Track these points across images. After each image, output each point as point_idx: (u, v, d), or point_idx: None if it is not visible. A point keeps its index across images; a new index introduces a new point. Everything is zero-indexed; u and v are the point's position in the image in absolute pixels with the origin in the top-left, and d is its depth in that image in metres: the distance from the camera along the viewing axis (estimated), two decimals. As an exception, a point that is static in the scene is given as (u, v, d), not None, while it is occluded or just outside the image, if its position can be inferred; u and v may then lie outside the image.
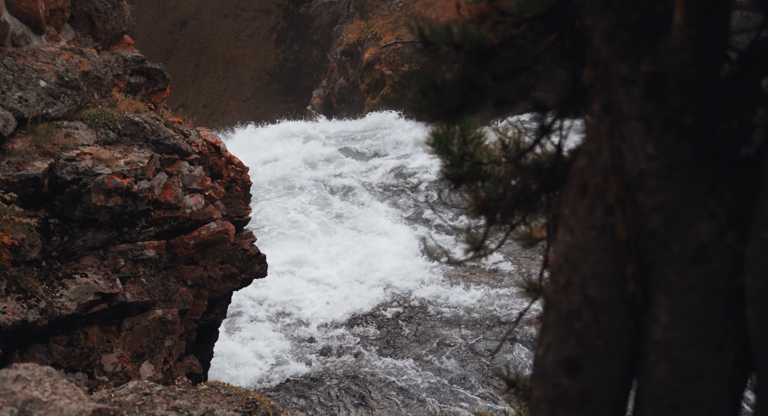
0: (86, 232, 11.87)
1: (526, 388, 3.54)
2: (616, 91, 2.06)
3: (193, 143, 13.84)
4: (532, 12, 2.65)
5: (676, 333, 2.07)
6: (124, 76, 13.93)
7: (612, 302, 2.15)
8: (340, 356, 17.12)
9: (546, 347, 2.24)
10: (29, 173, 11.06)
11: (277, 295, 19.45)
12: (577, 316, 2.17)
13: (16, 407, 4.53)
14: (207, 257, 13.84)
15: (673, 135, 1.98)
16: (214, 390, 6.81)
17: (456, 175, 3.61)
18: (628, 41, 2.01)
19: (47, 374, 4.95)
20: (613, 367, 2.19)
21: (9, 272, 10.98)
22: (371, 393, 15.70)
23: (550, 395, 2.22)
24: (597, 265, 2.14)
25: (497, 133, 3.64)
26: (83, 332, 11.97)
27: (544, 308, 2.30)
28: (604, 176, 2.10)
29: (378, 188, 26.38)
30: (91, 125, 12.29)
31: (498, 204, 2.94)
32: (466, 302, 19.03)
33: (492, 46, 2.65)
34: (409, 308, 18.97)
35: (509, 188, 2.92)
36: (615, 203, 2.08)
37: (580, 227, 2.16)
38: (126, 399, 6.39)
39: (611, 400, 2.21)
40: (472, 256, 3.06)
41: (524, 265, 20.70)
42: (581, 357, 2.17)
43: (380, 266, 20.68)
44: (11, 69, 11.68)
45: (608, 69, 2.07)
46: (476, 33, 2.66)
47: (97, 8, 13.67)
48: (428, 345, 17.39)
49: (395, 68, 33.28)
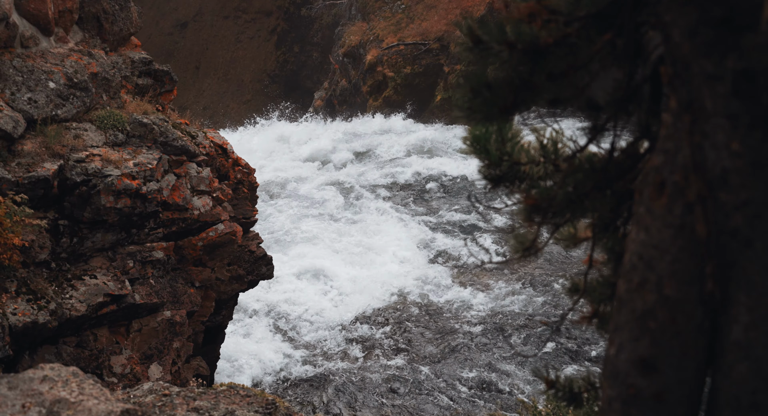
0: (95, 233, 11.85)
1: (565, 389, 3.53)
2: (698, 88, 2.04)
3: (200, 145, 13.82)
4: (585, 10, 2.64)
5: (757, 332, 2.05)
6: (132, 77, 13.91)
7: (688, 302, 2.13)
8: (345, 358, 17.10)
9: (618, 346, 2.23)
10: (39, 174, 11.04)
11: (282, 297, 19.42)
12: (651, 315, 2.16)
13: (44, 407, 4.51)
14: (215, 258, 13.82)
15: (761, 132, 1.97)
16: (233, 391, 6.78)
17: (494, 175, 3.60)
18: (711, 37, 2.00)
19: (73, 374, 4.92)
20: (689, 367, 2.17)
21: (19, 274, 10.95)
22: (377, 394, 15.68)
23: (623, 395, 2.20)
24: (674, 263, 2.13)
25: (535, 133, 3.63)
26: (92, 333, 11.95)
27: (616, 308, 2.28)
28: (684, 173, 2.08)
29: (382, 189, 26.36)
30: (100, 126, 12.27)
31: (550, 204, 2.92)
32: (473, 304, 19.01)
33: (545, 45, 2.64)
34: (416, 310, 18.95)
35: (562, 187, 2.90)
36: (695, 200, 2.06)
37: (656, 225, 2.15)
38: (145, 400, 6.37)
39: (686, 400, 2.19)
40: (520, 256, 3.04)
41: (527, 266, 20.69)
42: (656, 356, 2.15)
43: (385, 267, 20.67)
44: (21, 70, 11.67)
45: (689, 66, 2.05)
46: (530, 32, 2.65)
47: (105, 10, 13.65)
48: (436, 347, 17.37)
49: (397, 70, 33.26)
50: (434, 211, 24.49)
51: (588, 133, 2.87)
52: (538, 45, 2.67)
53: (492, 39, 2.73)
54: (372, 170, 27.90)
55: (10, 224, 10.33)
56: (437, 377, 16.26)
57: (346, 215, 24.48)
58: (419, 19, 34.01)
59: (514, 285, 19.72)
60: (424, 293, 19.60)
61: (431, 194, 25.83)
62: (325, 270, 20.57)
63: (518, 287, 19.61)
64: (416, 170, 27.38)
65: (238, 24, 46.55)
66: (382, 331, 18.06)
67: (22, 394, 4.61)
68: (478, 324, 18.16)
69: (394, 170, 27.56)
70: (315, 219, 24.05)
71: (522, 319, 18.19)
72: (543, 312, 18.40)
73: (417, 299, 19.37)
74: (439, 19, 33.37)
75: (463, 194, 25.58)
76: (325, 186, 26.63)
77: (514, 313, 18.47)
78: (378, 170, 27.81)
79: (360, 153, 29.74)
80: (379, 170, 27.81)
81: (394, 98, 33.18)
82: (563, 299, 18.87)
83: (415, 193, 26.00)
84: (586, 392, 3.52)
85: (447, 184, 26.41)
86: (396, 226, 23.38)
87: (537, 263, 20.92)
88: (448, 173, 26.91)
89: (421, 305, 19.13)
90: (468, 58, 2.83)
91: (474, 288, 19.71)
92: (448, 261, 21.25)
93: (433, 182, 26.52)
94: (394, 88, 33.24)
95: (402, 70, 33.26)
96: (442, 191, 25.92)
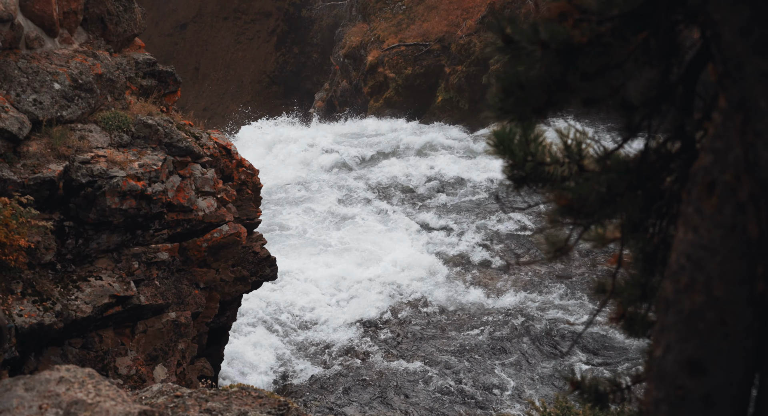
0: (100, 235, 11.83)
1: (591, 389, 3.51)
2: (751, 86, 2.02)
3: (204, 146, 13.80)
4: (618, 10, 2.62)
5: (809, 334, 2.04)
6: (136, 78, 13.90)
7: (738, 303, 2.12)
8: (349, 358, 17.08)
9: (665, 347, 2.21)
10: (45, 175, 11.02)
11: (285, 297, 19.41)
12: (700, 316, 2.14)
13: (61, 409, 4.49)
14: (219, 259, 13.80)
15: (818, 131, 1.95)
16: (244, 393, 6.76)
17: (518, 176, 3.58)
18: (765, 36, 1.98)
19: (89, 376, 4.91)
20: (738, 368, 2.15)
21: (25, 275, 10.93)
22: (382, 394, 15.66)
23: (671, 396, 2.18)
24: (724, 264, 2.11)
25: (559, 133, 3.61)
26: (98, 335, 11.92)
27: (662, 309, 2.26)
28: (735, 173, 2.07)
29: (384, 190, 26.35)
30: (105, 127, 12.25)
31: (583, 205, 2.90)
32: (477, 305, 19.01)
33: (579, 45, 2.63)
34: (419, 310, 18.94)
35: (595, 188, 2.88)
36: (747, 201, 2.04)
37: (706, 225, 2.13)
38: (158, 402, 6.35)
39: (735, 402, 2.17)
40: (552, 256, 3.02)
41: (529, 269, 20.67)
42: (705, 357, 2.13)
43: (389, 268, 20.66)
44: (26, 71, 11.65)
45: (742, 64, 2.04)
46: (564, 31, 2.63)
47: (110, 11, 13.64)
48: (441, 348, 17.36)
49: (398, 71, 33.24)
50: (436, 211, 24.48)
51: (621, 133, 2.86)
52: (571, 45, 2.65)
53: (524, 39, 2.72)
54: (374, 171, 27.88)
55: (16, 226, 10.31)
56: (444, 378, 16.25)
57: (347, 215, 24.46)
58: (420, 20, 34.00)
59: (517, 286, 19.71)
60: (428, 294, 19.59)
61: (433, 194, 25.81)
62: (329, 271, 20.56)
63: (521, 288, 19.60)
64: (417, 171, 27.36)
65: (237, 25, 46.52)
66: (386, 332, 18.04)
67: (39, 395, 4.60)
68: (483, 326, 18.15)
69: (396, 171, 27.54)
70: (316, 220, 24.03)
71: (526, 320, 18.19)
72: (545, 312, 18.40)
73: (421, 300, 19.36)
74: (440, 20, 33.35)
75: (464, 194, 25.57)
76: (326, 187, 26.60)
77: (519, 314, 18.46)
78: (380, 171, 27.79)
79: (360, 154, 29.71)
80: (381, 171, 27.79)
81: (395, 99, 33.17)
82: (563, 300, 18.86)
83: (417, 193, 25.99)
84: (612, 393, 3.50)
85: (448, 184, 26.39)
86: (398, 227, 23.37)
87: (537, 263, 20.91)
88: (449, 174, 26.89)
89: (424, 306, 19.11)
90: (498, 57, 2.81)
91: (478, 289, 19.71)
92: (451, 262, 21.24)
93: (435, 183, 26.50)
94: (395, 89, 33.22)
95: (403, 71, 33.24)
96: (444, 192, 25.91)
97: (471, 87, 32.01)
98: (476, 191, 25.72)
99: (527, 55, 2.71)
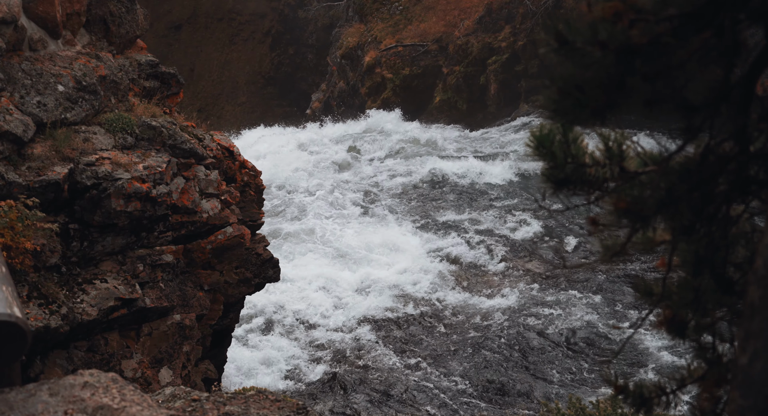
0: (105, 237, 11.77)
1: (635, 394, 3.48)
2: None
3: (207, 147, 13.74)
4: (677, 9, 2.59)
5: None
6: (139, 80, 13.83)
7: (829, 307, 2.08)
8: (353, 360, 17.03)
9: (752, 355, 2.17)
10: (49, 178, 10.95)
11: (287, 299, 19.35)
12: (790, 322, 2.10)
13: (86, 414, 4.43)
14: (223, 261, 13.74)
15: None
16: (262, 396, 6.71)
17: (558, 178, 3.55)
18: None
19: (113, 380, 4.84)
20: (828, 375, 2.12)
21: (30, 278, 10.86)
22: (390, 396, 15.62)
23: (759, 405, 2.14)
24: (814, 268, 2.08)
25: (599, 135, 3.58)
26: (103, 337, 11.86)
27: (747, 315, 2.22)
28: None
29: (384, 190, 26.31)
30: (109, 129, 12.18)
31: (642, 207, 2.87)
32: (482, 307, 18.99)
33: (639, 45, 2.59)
34: (423, 311, 18.90)
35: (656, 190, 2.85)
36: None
37: (794, 228, 2.10)
38: (175, 405, 6.30)
39: (825, 410, 2.14)
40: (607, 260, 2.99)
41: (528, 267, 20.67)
42: (795, 365, 2.10)
43: (392, 269, 20.63)
44: (29, 74, 11.57)
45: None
46: (623, 32, 2.60)
47: (112, 12, 13.56)
48: (446, 349, 17.33)
49: (396, 71, 33.22)
50: (435, 212, 24.45)
51: (682, 134, 2.82)
52: (630, 45, 2.62)
53: (581, 39, 2.68)
54: (373, 172, 27.84)
55: (21, 228, 10.23)
56: (450, 378, 16.21)
57: (347, 216, 24.42)
58: (417, 21, 33.98)
59: (522, 287, 19.70)
60: (432, 295, 19.55)
61: (433, 195, 25.78)
62: (331, 272, 20.51)
63: (526, 290, 19.58)
64: (417, 172, 27.33)
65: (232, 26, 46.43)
66: (391, 333, 18.00)
67: (64, 401, 4.53)
68: (488, 327, 18.13)
69: (396, 171, 27.52)
70: (319, 221, 23.98)
71: (532, 321, 18.17)
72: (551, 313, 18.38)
73: (425, 301, 19.32)
74: (438, 20, 33.33)
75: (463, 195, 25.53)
76: (327, 188, 26.54)
77: (525, 315, 18.44)
78: (379, 172, 27.76)
79: (360, 154, 29.67)
80: (380, 172, 27.75)
81: (392, 100, 33.13)
82: (569, 302, 18.84)
83: (416, 194, 25.96)
84: (656, 397, 3.47)
85: (448, 185, 26.36)
86: (399, 227, 23.34)
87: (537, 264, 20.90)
88: (449, 174, 26.86)
89: (429, 307, 19.07)
90: (552, 58, 2.78)
91: (482, 290, 19.68)
92: (451, 262, 21.21)
93: (435, 183, 26.48)
94: (392, 90, 33.19)
95: (400, 71, 33.22)
96: (444, 192, 25.88)
97: (469, 87, 32.03)
98: (476, 192, 25.71)
99: (584, 56, 2.68)
